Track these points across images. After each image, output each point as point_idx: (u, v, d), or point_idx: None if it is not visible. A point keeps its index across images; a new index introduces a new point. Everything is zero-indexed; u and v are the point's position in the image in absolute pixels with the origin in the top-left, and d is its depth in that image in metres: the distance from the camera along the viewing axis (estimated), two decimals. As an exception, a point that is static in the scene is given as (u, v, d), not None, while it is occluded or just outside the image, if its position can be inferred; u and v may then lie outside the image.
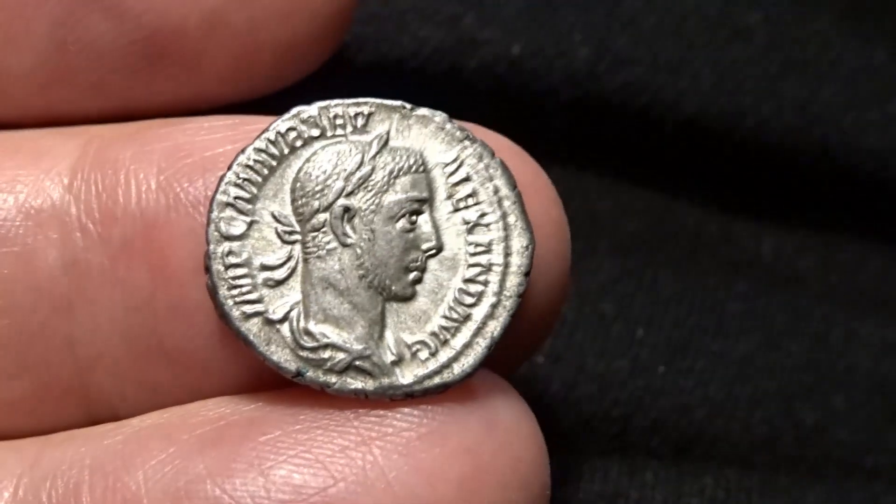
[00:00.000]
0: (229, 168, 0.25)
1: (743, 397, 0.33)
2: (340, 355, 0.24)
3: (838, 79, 0.36)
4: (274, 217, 0.25)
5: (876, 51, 0.37)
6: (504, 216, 0.24)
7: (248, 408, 0.25)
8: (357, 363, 0.24)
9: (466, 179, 0.25)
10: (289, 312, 0.24)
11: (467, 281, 0.24)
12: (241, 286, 0.24)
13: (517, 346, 0.26)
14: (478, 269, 0.24)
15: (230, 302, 0.24)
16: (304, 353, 0.24)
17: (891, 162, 0.37)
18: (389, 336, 0.24)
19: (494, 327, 0.24)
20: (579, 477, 0.30)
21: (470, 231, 0.25)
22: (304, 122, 0.25)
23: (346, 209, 0.24)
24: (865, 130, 0.36)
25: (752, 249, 0.37)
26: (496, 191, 0.25)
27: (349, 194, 0.24)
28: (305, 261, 0.24)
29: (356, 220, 0.24)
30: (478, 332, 0.24)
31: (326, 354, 0.24)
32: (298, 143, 0.25)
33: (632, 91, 0.35)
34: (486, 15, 0.34)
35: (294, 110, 0.25)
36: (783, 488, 0.31)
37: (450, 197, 0.25)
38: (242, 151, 0.25)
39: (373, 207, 0.24)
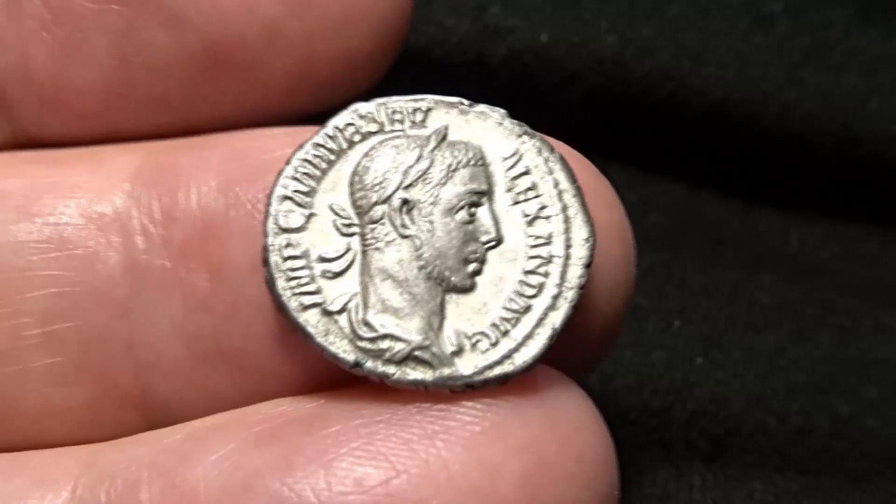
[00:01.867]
0: (288, 163, 0.25)
1: (778, 389, 0.33)
2: (399, 345, 0.24)
3: (860, 67, 0.37)
4: (332, 210, 0.25)
5: None
6: (564, 209, 0.24)
7: (309, 406, 0.25)
8: (416, 353, 0.24)
9: (526, 173, 0.25)
10: (347, 303, 0.24)
11: (528, 273, 0.24)
12: (298, 278, 0.24)
13: (584, 352, 0.26)
14: (538, 261, 0.24)
15: (288, 293, 0.24)
16: (362, 344, 0.24)
17: None
18: (449, 327, 0.24)
19: (556, 318, 0.24)
20: (627, 479, 0.30)
21: (530, 223, 0.24)
22: (361, 117, 0.25)
23: (405, 201, 0.24)
24: (888, 117, 0.37)
25: (778, 241, 0.37)
26: (556, 184, 0.24)
27: (408, 187, 0.24)
28: (364, 253, 0.24)
29: (415, 212, 0.24)
30: (539, 322, 0.24)
31: (385, 345, 0.24)
32: (357, 138, 0.25)
33: (657, 78, 0.35)
34: (512, 4, 0.35)
35: (352, 107, 0.25)
36: (831, 492, 0.31)
37: (509, 190, 0.25)
38: (301, 147, 0.25)
39: (432, 199, 0.24)
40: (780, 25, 0.36)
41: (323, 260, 0.24)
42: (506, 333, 0.24)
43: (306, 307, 0.24)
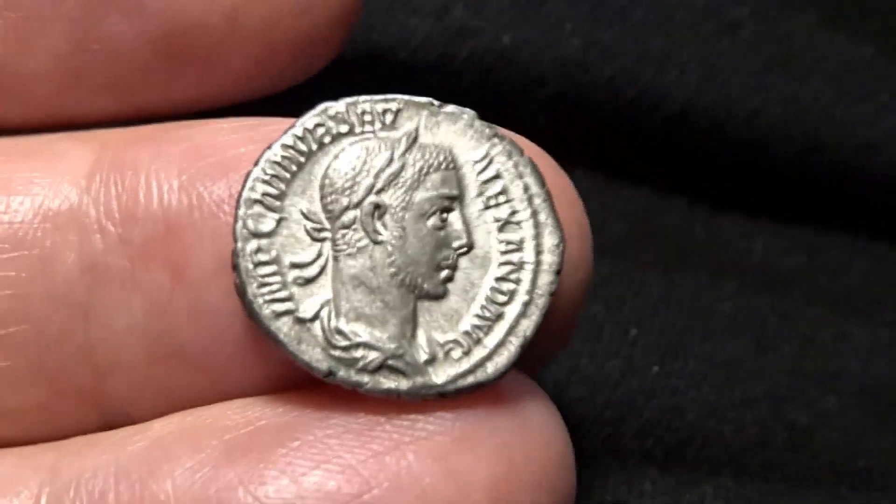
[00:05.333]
0: (256, 164, 0.25)
1: (734, 399, 0.33)
2: (373, 354, 0.24)
3: (826, 73, 0.36)
4: (303, 214, 0.24)
5: (863, 45, 0.37)
6: (535, 214, 0.24)
7: (277, 411, 0.25)
8: (390, 362, 0.24)
9: (497, 177, 0.25)
10: (319, 311, 0.24)
11: (499, 279, 0.24)
12: (270, 284, 0.24)
13: (543, 348, 0.26)
14: (509, 268, 0.24)
15: (260, 300, 0.24)
16: (335, 353, 0.24)
17: (879, 156, 0.37)
18: (422, 335, 0.24)
19: (527, 326, 0.24)
20: (578, 488, 0.30)
21: (501, 229, 0.24)
22: (331, 118, 0.25)
23: (377, 206, 0.24)
24: (853, 124, 0.36)
25: (741, 249, 0.37)
26: (526, 188, 0.24)
27: (379, 191, 0.24)
28: (336, 259, 0.24)
29: (387, 218, 0.24)
30: (510, 330, 0.24)
31: (359, 353, 0.24)
32: (326, 140, 0.25)
33: (620, 83, 0.35)
34: (476, 5, 0.34)
35: (321, 106, 0.25)
36: (781, 495, 0.31)
37: (480, 194, 0.25)
38: (269, 148, 0.25)
39: (403, 204, 0.24)
40: (746, 31, 0.36)
41: (295, 266, 0.24)
42: (478, 342, 0.24)
43: (279, 315, 0.24)
